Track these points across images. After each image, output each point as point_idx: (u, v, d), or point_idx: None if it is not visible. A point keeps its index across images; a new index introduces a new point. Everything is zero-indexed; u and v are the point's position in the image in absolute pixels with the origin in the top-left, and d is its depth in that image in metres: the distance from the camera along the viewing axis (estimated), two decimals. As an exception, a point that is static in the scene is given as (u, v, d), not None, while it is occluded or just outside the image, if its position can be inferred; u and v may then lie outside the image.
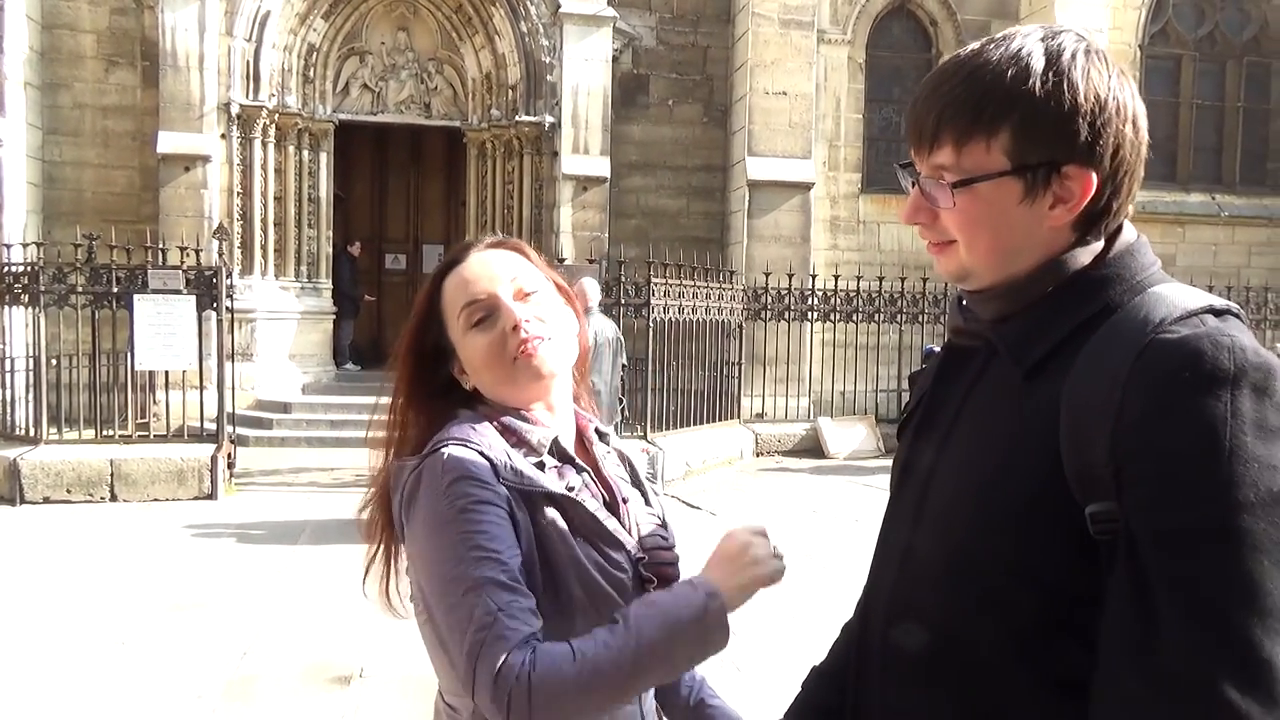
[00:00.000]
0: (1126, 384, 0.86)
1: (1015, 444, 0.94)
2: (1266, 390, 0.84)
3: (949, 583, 0.98)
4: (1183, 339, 0.87)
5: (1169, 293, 0.94)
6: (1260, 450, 0.82)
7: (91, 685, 3.94)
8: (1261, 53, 13.36)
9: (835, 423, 10.70)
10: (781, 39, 11.51)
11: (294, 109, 11.11)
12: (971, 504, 0.97)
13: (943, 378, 1.09)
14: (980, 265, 1.00)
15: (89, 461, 7.50)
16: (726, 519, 7.30)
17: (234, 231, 10.65)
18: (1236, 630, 0.80)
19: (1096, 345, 0.91)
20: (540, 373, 1.22)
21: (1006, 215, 0.97)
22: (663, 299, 9.07)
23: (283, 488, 8.14)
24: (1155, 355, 0.87)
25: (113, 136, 10.98)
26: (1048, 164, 0.95)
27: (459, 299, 1.24)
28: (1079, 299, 0.97)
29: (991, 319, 1.03)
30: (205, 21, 10.36)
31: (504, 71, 11.59)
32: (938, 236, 1.02)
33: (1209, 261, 12.59)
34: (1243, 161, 13.36)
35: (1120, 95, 0.96)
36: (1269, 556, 0.81)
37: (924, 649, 1.00)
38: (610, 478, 1.29)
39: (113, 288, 7.76)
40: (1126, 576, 0.85)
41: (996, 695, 0.95)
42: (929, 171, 1.00)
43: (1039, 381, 0.95)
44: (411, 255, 14.29)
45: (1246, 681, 0.79)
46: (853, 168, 12.43)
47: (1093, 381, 0.89)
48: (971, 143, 0.96)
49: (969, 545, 0.96)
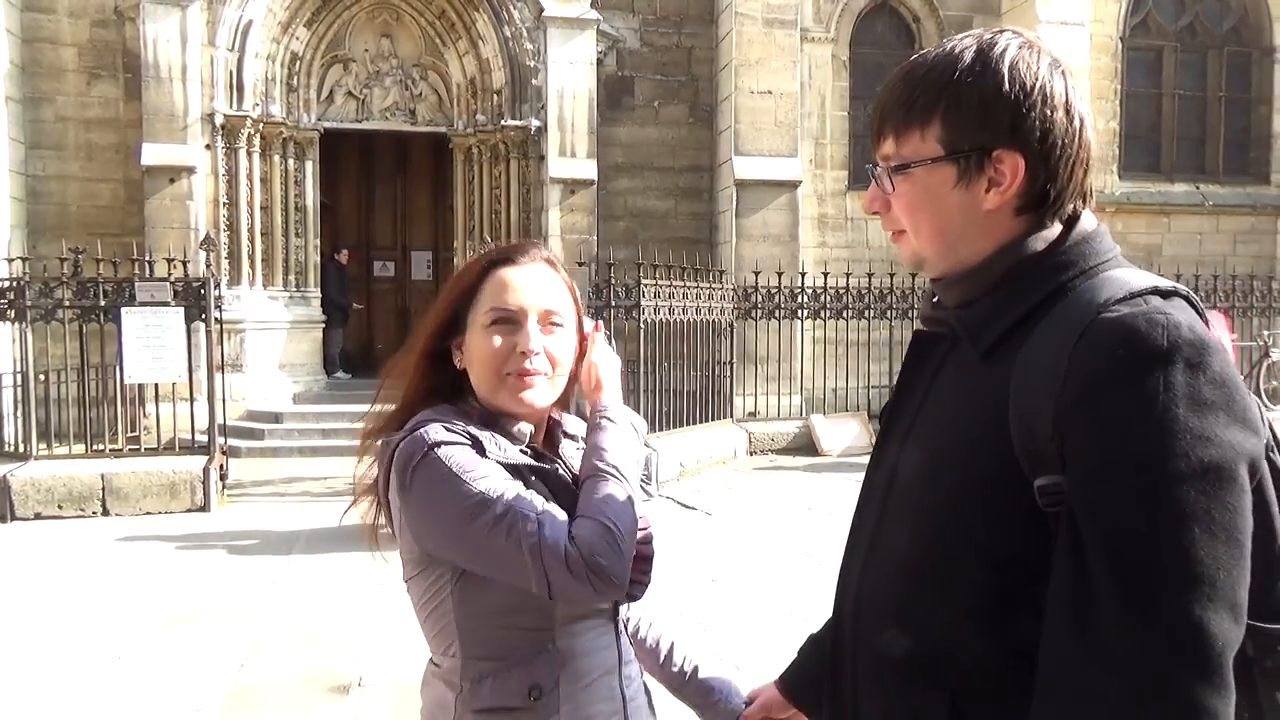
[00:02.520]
0: (1069, 361, 0.90)
1: (970, 423, 0.98)
2: (1200, 365, 0.87)
3: (911, 561, 1.02)
4: (1121, 317, 0.90)
5: (1119, 275, 0.98)
6: (1193, 422, 0.85)
7: (88, 700, 3.91)
8: (1241, 43, 13.45)
9: (828, 420, 10.72)
10: (765, 38, 11.53)
11: (278, 118, 11.08)
12: (930, 484, 1.01)
13: (911, 366, 1.14)
14: (928, 250, 1.06)
15: (80, 476, 7.45)
16: (722, 518, 7.30)
17: (221, 242, 10.61)
18: (1169, 599, 0.83)
19: (1046, 326, 0.95)
20: (523, 402, 1.30)
21: (944, 199, 1.02)
22: (653, 300, 9.07)
23: (276, 498, 8.11)
24: (1096, 333, 0.90)
25: (96, 149, 10.93)
26: (978, 149, 1.00)
27: (494, 297, 1.31)
28: (1034, 283, 1.00)
29: (954, 305, 1.07)
30: (187, 32, 10.32)
31: (488, 76, 11.58)
32: (892, 224, 1.09)
33: (1195, 251, 12.66)
34: (1225, 151, 13.44)
35: (1051, 83, 1.00)
36: (1200, 525, 0.83)
37: (889, 631, 1.03)
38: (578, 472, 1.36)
39: (100, 301, 7.71)
40: (1067, 547, 0.88)
41: (956, 667, 0.97)
42: (880, 162, 1.07)
43: (994, 363, 0.99)
44: (400, 262, 14.26)
45: (1178, 650, 0.82)
46: (839, 165, 12.46)
47: (1039, 360, 0.93)
48: (908, 132, 1.03)
49: (928, 524, 1.00)
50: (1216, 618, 0.82)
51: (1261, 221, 13.37)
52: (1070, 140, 1.00)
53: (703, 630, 4.57)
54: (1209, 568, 0.83)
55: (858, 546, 1.12)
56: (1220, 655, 0.83)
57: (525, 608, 1.23)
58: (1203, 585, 0.82)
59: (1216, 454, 0.85)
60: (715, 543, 6.43)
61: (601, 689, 1.28)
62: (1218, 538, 0.83)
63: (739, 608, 5.02)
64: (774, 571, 5.73)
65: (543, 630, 1.25)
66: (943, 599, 0.98)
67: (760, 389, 10.73)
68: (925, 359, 1.12)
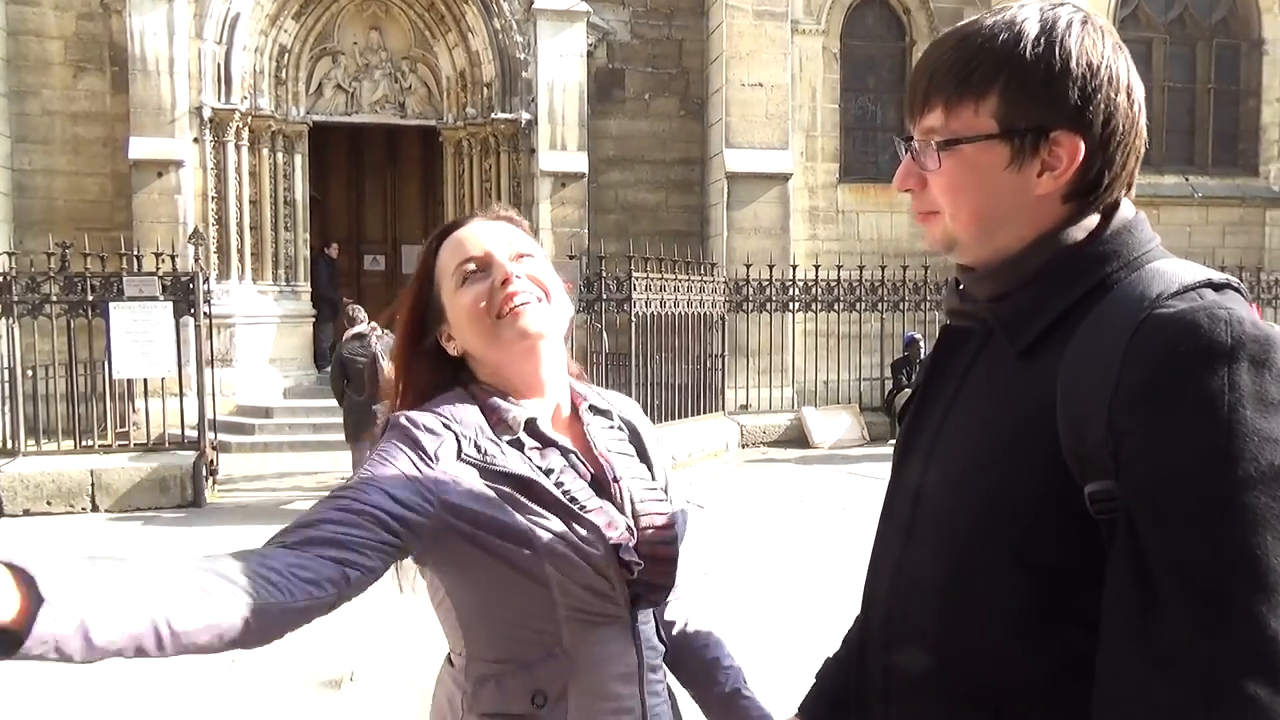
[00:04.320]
0: (1123, 360, 0.84)
1: (1010, 427, 0.93)
2: (1265, 363, 0.81)
3: (947, 574, 0.96)
4: (1179, 313, 0.85)
5: (1166, 268, 0.92)
6: (1260, 424, 0.80)
7: (77, 697, 3.90)
8: (1230, 34, 13.48)
9: (819, 412, 10.73)
10: (756, 30, 11.51)
11: (267, 111, 11.02)
12: (966, 491, 0.94)
13: (939, 361, 1.07)
14: (964, 233, 0.98)
15: (69, 472, 7.42)
16: (714, 511, 7.31)
17: (209, 236, 10.54)
18: (1240, 608, 0.78)
19: (1092, 322, 0.90)
20: (526, 331, 1.19)
21: (992, 180, 0.95)
22: (644, 293, 9.07)
23: (267, 493, 8.09)
24: (1151, 330, 0.85)
25: (83, 143, 10.85)
26: (1035, 129, 0.93)
27: (454, 258, 1.23)
28: (1075, 276, 0.94)
29: (987, 298, 1.00)
30: (174, 25, 10.25)
31: (478, 69, 11.54)
32: (925, 205, 1.01)
33: (1184, 243, 12.69)
34: (1215, 143, 13.48)
35: (1115, 64, 0.94)
36: (1271, 531, 0.78)
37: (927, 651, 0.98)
38: (601, 454, 1.26)
39: (88, 296, 7.67)
40: (1126, 555, 0.83)
41: (1001, 684, 0.93)
42: (920, 135, 0.99)
43: (1035, 360, 0.94)
44: (390, 256, 14.21)
45: (1251, 661, 0.77)
46: (830, 158, 12.45)
47: (1089, 359, 0.87)
48: (960, 105, 0.95)
49: (966, 534, 0.94)
50: None
51: (1250, 213, 13.43)
52: (1130, 126, 0.95)
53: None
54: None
55: (885, 558, 1.05)
56: None
57: (529, 609, 1.15)
58: (1276, 594, 0.77)
59: None
60: (708, 535, 6.44)
61: (615, 697, 1.19)
62: None
63: (732, 600, 5.02)
64: (766, 564, 5.74)
65: (547, 633, 1.16)
66: (984, 612, 0.93)
67: (752, 382, 10.74)
68: (953, 356, 1.05)
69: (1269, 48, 13.39)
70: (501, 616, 1.17)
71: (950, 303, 1.07)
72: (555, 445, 1.22)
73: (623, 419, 1.33)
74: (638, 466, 1.29)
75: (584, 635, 1.17)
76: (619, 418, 1.33)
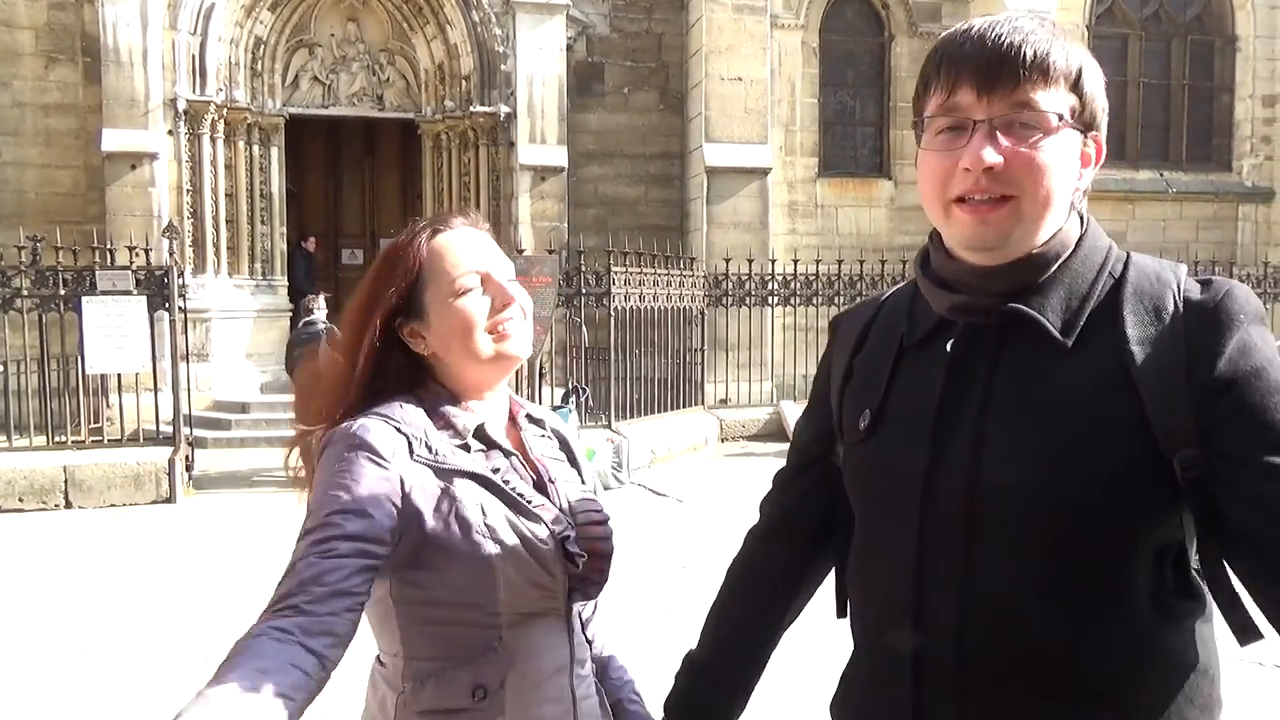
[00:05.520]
0: (1188, 339, 0.93)
1: (1085, 413, 0.95)
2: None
3: (1044, 569, 0.96)
4: (1215, 289, 0.96)
5: (1141, 258, 1.02)
6: None
7: (51, 694, 3.85)
8: (1205, 31, 13.62)
9: (798, 406, 10.74)
10: (735, 24, 11.52)
11: (242, 103, 10.91)
12: (1051, 484, 0.95)
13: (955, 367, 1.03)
14: (1036, 218, 0.98)
15: (41, 469, 7.32)
16: (693, 505, 7.32)
17: (185, 230, 10.44)
18: None
19: (1134, 311, 0.97)
20: (512, 355, 1.26)
21: (1071, 164, 1.00)
22: (624, 287, 9.05)
23: (243, 489, 8.03)
24: (1201, 307, 0.95)
25: (55, 135, 10.70)
26: (1089, 125, 1.01)
27: (454, 268, 1.24)
28: (1088, 267, 1.01)
29: (1002, 291, 1.00)
30: (147, 15, 10.12)
31: (457, 62, 11.47)
32: (1002, 187, 0.96)
33: (1159, 237, 12.83)
34: (1189, 138, 13.63)
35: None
36: None
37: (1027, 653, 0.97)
38: (538, 459, 1.31)
39: (60, 290, 7.57)
40: (1263, 504, 0.90)
41: (1115, 673, 0.96)
42: (1008, 109, 0.96)
43: (1083, 349, 0.98)
44: (368, 249, 14.10)
45: None
46: (809, 152, 12.48)
47: (1152, 341, 0.95)
48: (1053, 86, 0.97)
49: (1059, 525, 0.95)
50: None
51: (1223, 208, 13.58)
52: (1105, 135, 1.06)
53: (672, 616, 4.58)
54: None
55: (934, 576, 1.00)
56: None
57: (469, 605, 1.17)
58: None
59: None
60: (686, 529, 6.45)
61: (551, 689, 1.22)
62: None
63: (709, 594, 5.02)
64: (745, 558, 5.75)
65: (488, 628, 1.18)
66: (1096, 602, 0.95)
67: (731, 376, 10.76)
68: (970, 357, 1.02)
69: (1242, 44, 13.54)
70: (442, 616, 1.18)
71: (954, 301, 1.03)
72: (500, 448, 1.26)
73: (552, 429, 1.39)
74: (569, 471, 1.35)
75: (523, 629, 1.20)
76: (549, 428, 1.39)
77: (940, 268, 1.05)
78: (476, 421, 1.25)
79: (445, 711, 1.18)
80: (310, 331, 7.84)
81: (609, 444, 8.05)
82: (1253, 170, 13.70)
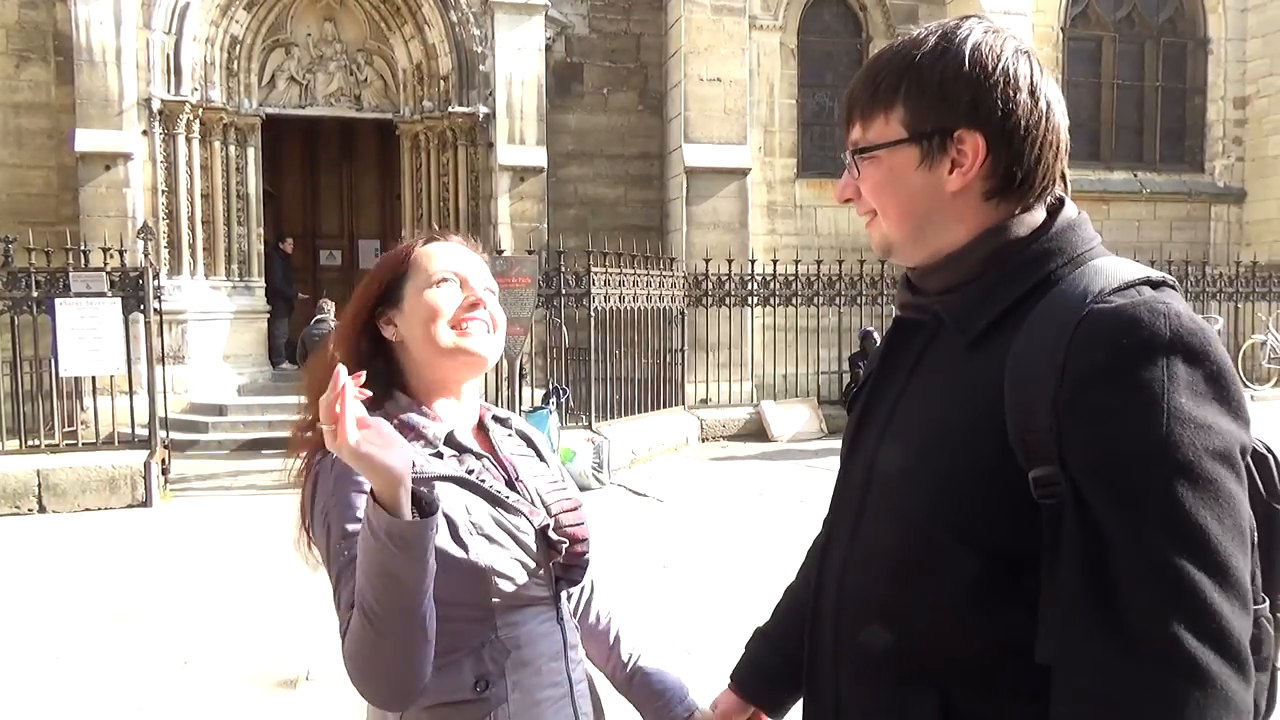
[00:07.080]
0: (1067, 352, 0.89)
1: (959, 414, 0.97)
2: (1200, 355, 0.87)
3: (897, 554, 1.00)
4: (1120, 307, 0.90)
5: (1107, 265, 0.98)
6: (1195, 411, 0.85)
7: (25, 701, 3.81)
8: (1177, 34, 13.79)
9: (778, 406, 10.80)
10: (714, 25, 11.54)
11: (218, 103, 10.82)
12: (916, 476, 0.99)
13: (891, 351, 1.12)
14: (895, 233, 1.06)
15: (14, 473, 7.22)
16: (673, 505, 7.33)
17: (160, 231, 10.34)
18: (1192, 586, 0.83)
19: (1038, 316, 0.94)
20: (470, 350, 1.31)
21: (908, 181, 1.03)
22: (604, 288, 9.05)
23: (221, 492, 7.96)
24: (1094, 324, 0.90)
25: (27, 135, 10.58)
26: (939, 130, 1.00)
27: (436, 263, 1.33)
28: (1021, 270, 1.00)
29: (937, 290, 1.06)
30: (121, 14, 10.01)
31: (435, 62, 11.42)
32: (864, 209, 1.09)
33: (1133, 237, 12.96)
34: (1162, 139, 13.79)
35: (1015, 65, 1.00)
36: (1211, 512, 0.84)
37: (877, 626, 1.01)
38: (506, 459, 1.36)
39: (32, 292, 7.48)
40: (1079, 538, 0.87)
41: (946, 661, 0.97)
42: (851, 145, 1.08)
43: (983, 351, 0.98)
44: (346, 251, 14.05)
45: (1207, 636, 0.82)
46: (788, 153, 12.53)
47: (1035, 350, 0.92)
48: (872, 117, 1.04)
49: (915, 517, 0.98)
50: (1232, 606, 0.83)
51: (1196, 209, 13.75)
52: (1036, 122, 1.00)
53: (653, 615, 4.58)
54: (1223, 556, 0.83)
55: (837, 541, 1.10)
56: (1242, 642, 0.84)
57: (464, 602, 1.22)
58: (1221, 572, 0.83)
59: (1220, 443, 0.85)
60: (667, 529, 6.46)
61: (548, 674, 1.28)
62: (1226, 526, 0.84)
63: (690, 593, 5.04)
64: (725, 557, 5.77)
65: (484, 621, 1.24)
66: (931, 593, 0.96)
67: (711, 376, 10.78)
68: (904, 347, 1.10)
69: (1214, 46, 13.72)
70: (439, 614, 1.20)
71: (902, 296, 1.13)
72: (470, 452, 1.32)
73: (518, 430, 1.45)
74: (539, 465, 1.41)
75: (516, 619, 1.26)
76: (514, 427, 1.45)
77: (908, 270, 1.12)
78: (445, 430, 1.30)
79: (451, 704, 1.22)
80: (320, 330, 8.85)
81: (589, 444, 8.04)
82: (1224, 171, 13.88)
